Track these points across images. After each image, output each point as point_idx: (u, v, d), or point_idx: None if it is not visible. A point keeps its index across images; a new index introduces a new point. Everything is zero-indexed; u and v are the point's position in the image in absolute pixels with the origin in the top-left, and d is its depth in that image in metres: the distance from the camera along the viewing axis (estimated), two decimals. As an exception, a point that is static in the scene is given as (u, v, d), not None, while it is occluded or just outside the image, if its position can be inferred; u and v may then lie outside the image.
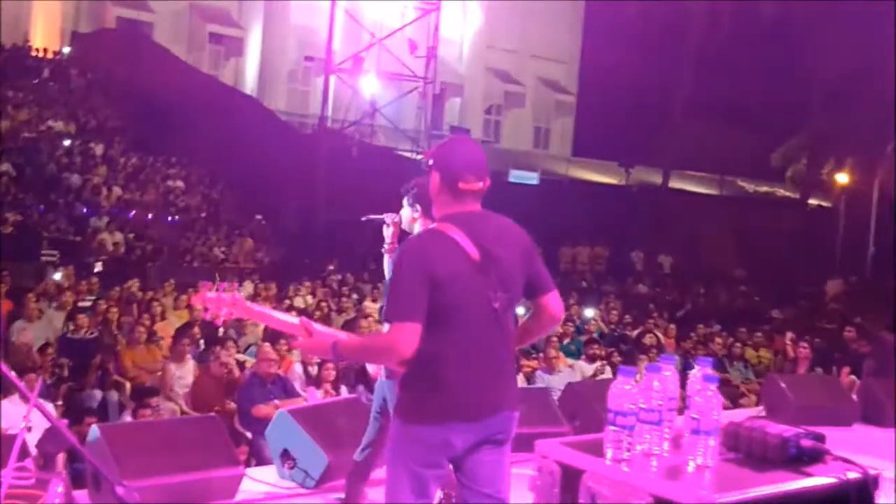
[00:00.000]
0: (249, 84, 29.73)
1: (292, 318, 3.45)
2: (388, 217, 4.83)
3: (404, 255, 3.10)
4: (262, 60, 30.38)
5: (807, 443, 2.45)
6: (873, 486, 2.45)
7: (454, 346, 3.03)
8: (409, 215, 4.60)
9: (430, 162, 3.20)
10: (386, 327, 3.13)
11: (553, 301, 3.23)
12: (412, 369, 3.09)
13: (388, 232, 4.73)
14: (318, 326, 3.38)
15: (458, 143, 3.32)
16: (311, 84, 29.32)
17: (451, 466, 3.07)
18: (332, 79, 21.48)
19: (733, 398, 10.38)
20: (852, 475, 2.39)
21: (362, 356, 3.73)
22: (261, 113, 23.68)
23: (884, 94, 27.37)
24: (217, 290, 3.41)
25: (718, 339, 13.44)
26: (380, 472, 5.75)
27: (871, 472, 2.42)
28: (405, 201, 4.70)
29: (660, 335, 13.03)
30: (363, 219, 5.07)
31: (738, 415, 2.67)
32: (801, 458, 2.45)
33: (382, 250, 4.68)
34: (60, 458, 6.27)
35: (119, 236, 17.71)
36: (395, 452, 3.13)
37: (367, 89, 23.09)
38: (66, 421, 6.74)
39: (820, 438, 2.48)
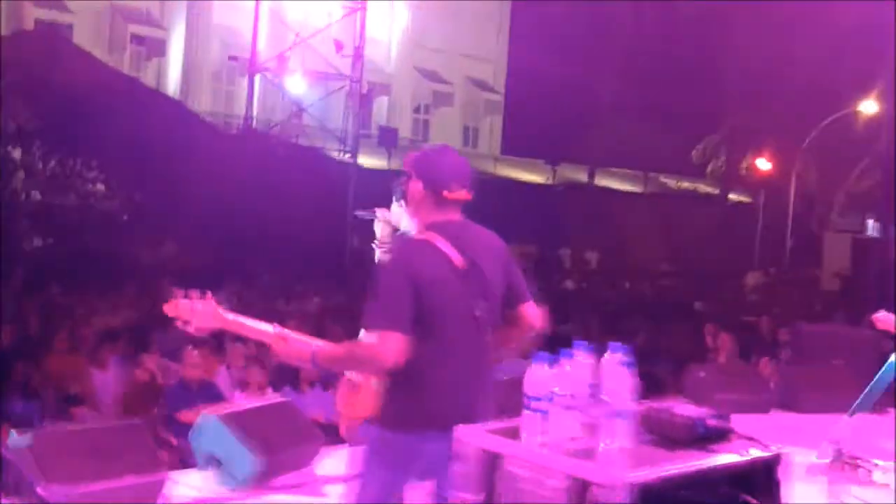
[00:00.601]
0: (173, 85, 29.27)
1: (268, 327, 3.38)
2: (379, 213, 4.97)
3: (391, 263, 3.11)
4: (185, 61, 29.94)
5: (713, 423, 2.56)
6: (777, 463, 2.56)
7: (435, 354, 3.04)
8: (398, 211, 4.73)
9: (409, 170, 3.20)
10: (362, 333, 3.11)
11: (531, 310, 3.28)
12: (393, 376, 3.08)
13: (378, 228, 4.82)
14: (292, 334, 3.32)
15: (443, 152, 3.31)
16: (236, 84, 29.00)
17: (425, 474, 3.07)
18: (257, 79, 21.32)
19: (659, 390, 10.62)
20: (756, 452, 2.51)
21: (343, 365, 3.65)
22: (184, 114, 23.36)
23: (798, 89, 28.23)
24: (189, 297, 3.34)
25: (642, 332, 13.71)
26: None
27: (774, 449, 2.54)
28: (395, 198, 4.81)
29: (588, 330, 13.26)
30: (356, 213, 5.13)
31: (652, 402, 2.78)
32: (709, 438, 2.55)
33: (373, 245, 4.69)
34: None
35: (39, 241, 17.31)
36: (370, 457, 3.14)
37: (293, 89, 22.94)
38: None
39: (726, 419, 2.59)
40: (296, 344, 3.27)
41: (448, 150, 3.35)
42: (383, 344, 2.96)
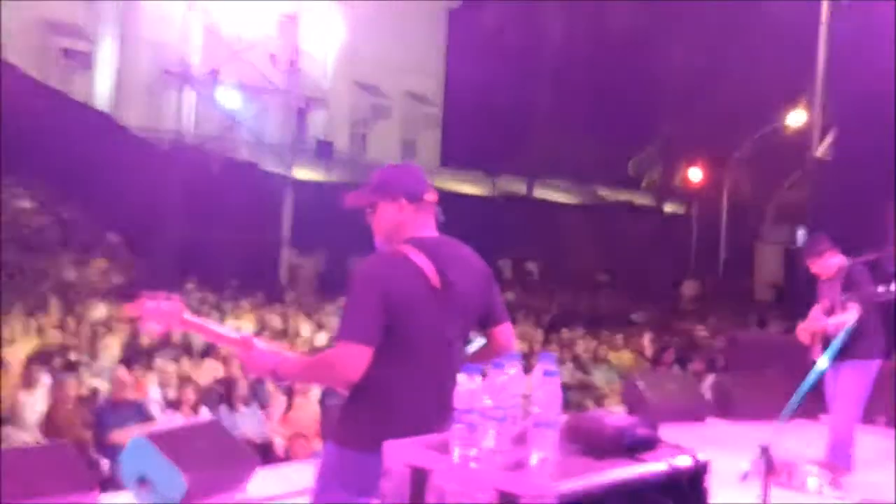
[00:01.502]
0: (103, 99, 28.74)
1: (233, 333, 3.28)
2: None
3: (360, 275, 2.99)
4: (116, 75, 29.44)
5: (641, 432, 2.56)
6: (704, 471, 2.57)
7: (403, 373, 2.96)
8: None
9: (381, 195, 3.11)
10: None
11: (506, 333, 3.21)
12: (357, 393, 3.00)
13: None
14: (260, 343, 3.21)
15: (398, 165, 3.35)
16: (168, 98, 28.64)
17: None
18: (190, 92, 21.05)
19: (597, 400, 10.71)
20: (683, 460, 2.51)
21: (305, 376, 3.57)
22: (114, 128, 22.94)
23: (730, 102, 28.84)
24: (156, 299, 3.22)
25: (581, 342, 13.82)
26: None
27: (701, 458, 2.54)
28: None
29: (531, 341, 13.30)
30: None
31: (581, 413, 2.77)
32: (636, 447, 2.54)
33: None
34: None
35: (-36, 260, 16.83)
36: (328, 476, 3.04)
37: (228, 103, 22.71)
38: None
39: (654, 427, 2.59)
40: (260, 353, 3.14)
41: (404, 163, 3.40)
42: (346, 355, 2.89)
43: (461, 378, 2.58)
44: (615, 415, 2.63)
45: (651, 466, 2.46)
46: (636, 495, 2.43)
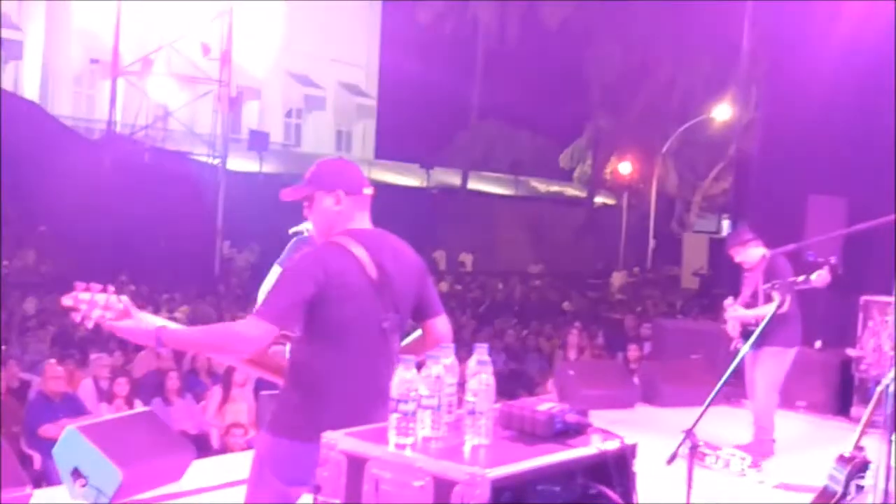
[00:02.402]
0: (31, 89, 28.07)
1: (157, 319, 3.09)
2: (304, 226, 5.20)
3: (297, 262, 3.01)
4: (44, 64, 28.76)
5: (571, 418, 2.66)
6: (631, 454, 2.69)
7: (339, 364, 2.98)
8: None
9: (318, 188, 3.11)
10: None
11: (441, 325, 3.24)
12: (292, 382, 3.01)
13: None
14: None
15: (335, 159, 3.33)
16: (98, 88, 28.06)
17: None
18: (121, 82, 20.67)
19: (529, 388, 10.87)
20: (610, 444, 2.62)
21: (195, 345, 3.50)
22: (43, 118, 22.45)
23: (657, 97, 29.36)
24: (89, 290, 3.18)
25: (512, 332, 13.99)
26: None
27: (628, 442, 2.66)
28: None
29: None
30: (290, 231, 5.10)
31: (512, 401, 2.87)
32: (567, 433, 2.64)
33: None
34: None
35: None
36: (261, 467, 3.05)
37: (158, 93, 22.36)
38: None
39: (583, 413, 2.69)
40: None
41: (339, 158, 3.38)
42: (251, 328, 2.89)
43: (398, 368, 2.66)
44: (547, 402, 2.74)
45: (580, 451, 2.57)
46: (566, 478, 2.54)
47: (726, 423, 7.07)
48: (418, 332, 3.28)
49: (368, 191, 3.17)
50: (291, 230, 5.70)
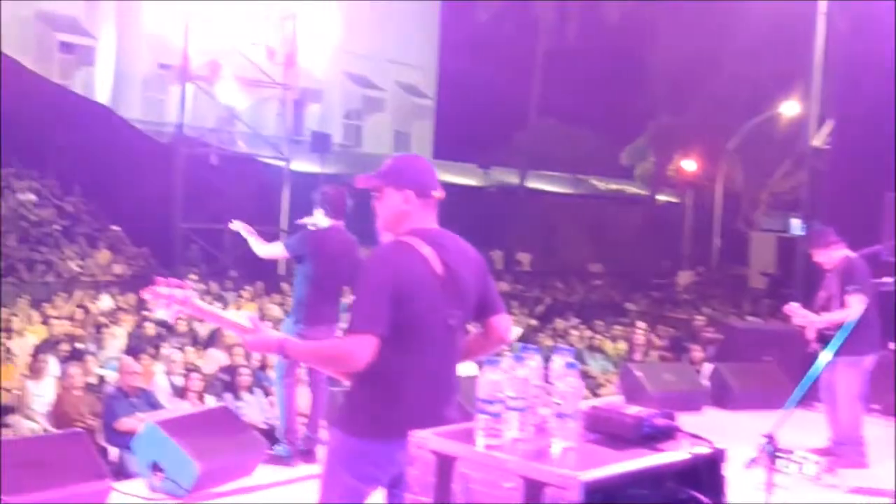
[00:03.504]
0: (103, 93, 28.70)
1: (242, 318, 3.32)
2: (308, 220, 6.09)
3: (371, 265, 3.05)
4: (115, 69, 29.39)
5: (659, 422, 2.65)
6: (721, 459, 2.67)
7: (409, 361, 3.01)
8: (319, 217, 6.07)
9: (387, 182, 3.16)
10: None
11: (502, 322, 3.27)
12: (362, 380, 3.05)
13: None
14: (264, 325, 3.27)
15: (413, 157, 3.36)
16: (167, 92, 28.59)
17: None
18: (189, 86, 21.05)
19: (593, 389, 10.81)
20: (701, 449, 2.60)
21: (312, 359, 3.62)
22: (115, 122, 22.97)
23: (723, 91, 28.86)
24: (169, 286, 3.30)
25: (575, 332, 13.91)
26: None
27: (718, 446, 2.64)
28: (315, 205, 6.04)
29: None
30: (297, 222, 5.69)
31: (598, 402, 2.87)
32: (655, 436, 2.63)
33: None
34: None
35: (-31, 253, 16.86)
36: (334, 464, 3.09)
37: (225, 96, 22.70)
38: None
39: (671, 417, 2.68)
40: (265, 333, 3.19)
41: (414, 154, 3.39)
42: (356, 345, 2.94)
43: (486, 369, 2.68)
44: (632, 405, 2.73)
45: (670, 455, 2.55)
46: (655, 483, 2.53)
47: (799, 426, 6.94)
48: (480, 331, 3.30)
49: (438, 194, 3.20)
50: (298, 222, 6.20)
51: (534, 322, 15.11)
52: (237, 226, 6.50)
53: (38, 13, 28.13)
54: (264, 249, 6.38)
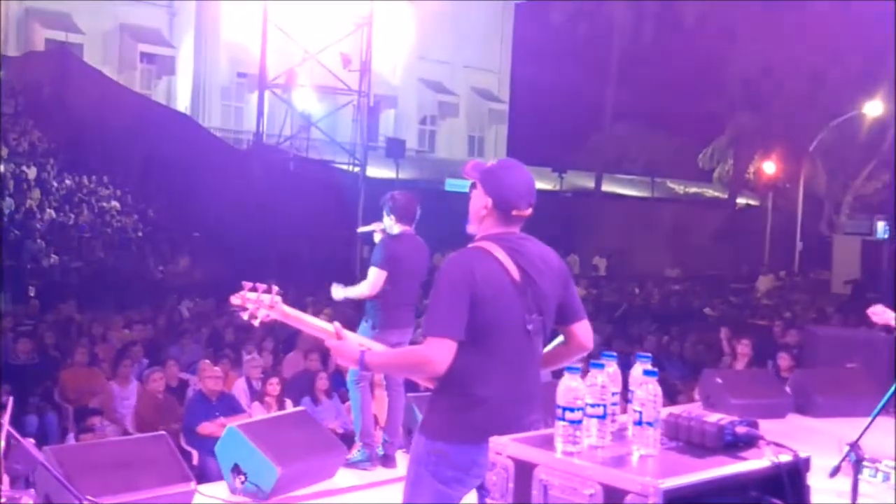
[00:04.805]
0: (183, 102, 29.47)
1: (326, 324, 3.40)
2: (376, 226, 5.93)
3: (448, 270, 3.06)
4: (194, 78, 30.17)
5: (741, 429, 2.60)
6: (805, 467, 2.61)
7: (488, 366, 3.02)
8: (389, 223, 5.83)
9: (477, 181, 3.18)
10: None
11: (583, 329, 3.25)
12: (442, 385, 3.07)
13: (378, 239, 5.72)
14: (349, 334, 3.34)
15: (514, 169, 3.21)
16: (245, 100, 29.21)
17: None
18: (266, 94, 21.45)
19: (671, 395, 10.64)
20: (784, 458, 2.55)
21: (392, 368, 3.67)
22: (195, 130, 23.53)
23: (804, 92, 28.19)
24: (256, 289, 3.37)
25: (651, 338, 13.72)
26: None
27: (802, 455, 2.58)
28: (384, 211, 5.82)
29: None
30: (358, 231, 5.79)
31: (677, 409, 2.83)
32: (737, 444, 2.59)
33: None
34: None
35: (55, 259, 17.44)
36: (419, 468, 3.11)
37: (301, 104, 23.07)
38: (32, 441, 6.68)
39: (753, 425, 2.63)
40: (349, 342, 3.26)
41: (518, 167, 3.24)
42: (435, 350, 2.96)
43: (565, 375, 2.67)
44: (713, 412, 2.69)
45: (753, 464, 2.51)
46: (738, 491, 2.48)
47: (885, 434, 6.75)
48: (560, 338, 3.29)
49: (522, 213, 3.16)
50: (359, 230, 6.13)
51: (610, 328, 14.96)
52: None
53: (123, 25, 29.01)
54: (357, 290, 6.06)
